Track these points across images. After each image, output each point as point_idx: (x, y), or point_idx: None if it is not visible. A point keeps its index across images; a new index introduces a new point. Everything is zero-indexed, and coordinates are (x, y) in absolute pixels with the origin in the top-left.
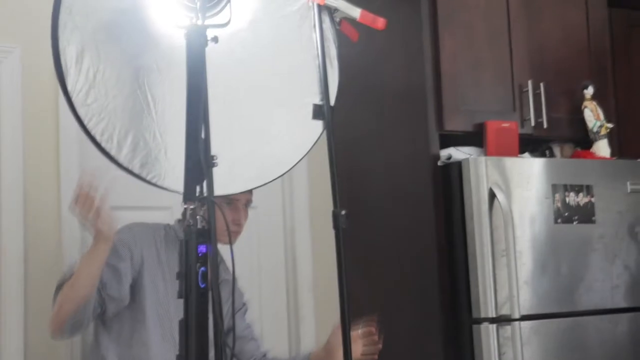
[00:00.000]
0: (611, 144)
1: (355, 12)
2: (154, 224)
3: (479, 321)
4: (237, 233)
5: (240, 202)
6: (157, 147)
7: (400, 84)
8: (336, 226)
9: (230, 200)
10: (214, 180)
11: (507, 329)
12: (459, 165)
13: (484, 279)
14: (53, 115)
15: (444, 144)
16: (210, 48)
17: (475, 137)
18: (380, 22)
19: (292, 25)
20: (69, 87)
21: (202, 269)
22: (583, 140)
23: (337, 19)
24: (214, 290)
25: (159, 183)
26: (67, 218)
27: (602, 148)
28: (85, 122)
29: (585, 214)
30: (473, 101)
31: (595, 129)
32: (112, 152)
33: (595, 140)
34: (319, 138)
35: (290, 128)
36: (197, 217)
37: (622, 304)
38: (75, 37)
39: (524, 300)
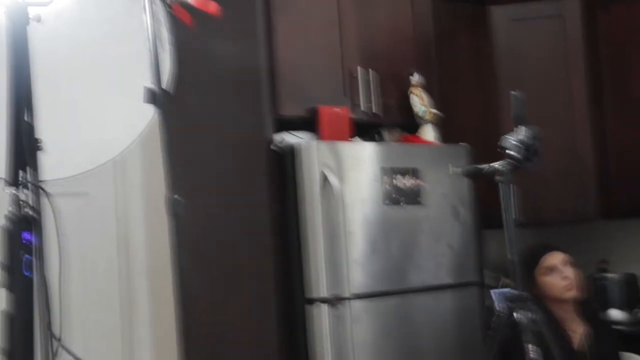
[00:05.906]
0: (437, 130)
1: None
2: None
3: (312, 301)
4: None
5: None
6: None
7: (236, 69)
8: (170, 212)
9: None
10: (41, 165)
11: (339, 308)
12: (292, 149)
13: (317, 260)
14: None
15: (280, 129)
16: (34, 27)
17: (310, 123)
18: (212, 7)
19: (123, 7)
20: None
21: (27, 256)
22: (411, 125)
23: (169, 2)
24: (41, 279)
25: None
26: None
27: (427, 132)
28: None
29: (412, 196)
30: (306, 87)
31: (421, 114)
32: None
33: (421, 124)
34: (150, 122)
35: (122, 112)
36: (21, 202)
37: (447, 281)
38: None
39: (355, 279)
